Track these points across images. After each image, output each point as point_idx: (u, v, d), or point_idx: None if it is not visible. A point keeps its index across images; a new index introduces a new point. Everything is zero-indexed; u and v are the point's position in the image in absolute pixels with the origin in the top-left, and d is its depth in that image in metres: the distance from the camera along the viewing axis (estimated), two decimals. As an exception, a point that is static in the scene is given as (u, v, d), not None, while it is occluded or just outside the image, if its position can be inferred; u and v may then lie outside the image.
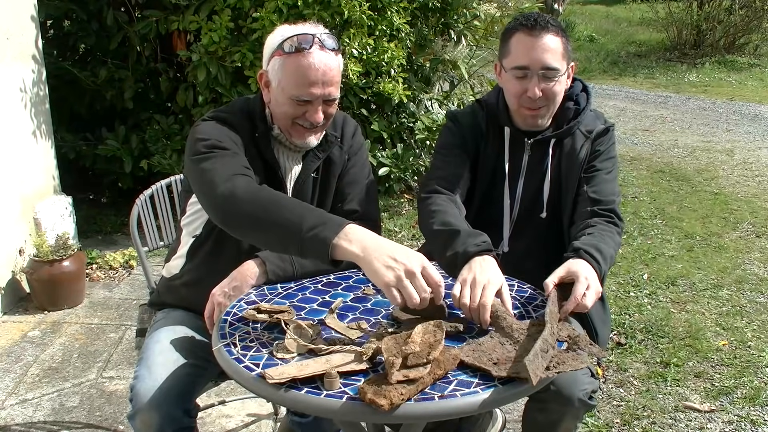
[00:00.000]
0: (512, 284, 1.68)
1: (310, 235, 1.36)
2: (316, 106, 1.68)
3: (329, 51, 1.65)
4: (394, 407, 1.14)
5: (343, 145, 1.86)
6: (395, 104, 4.53)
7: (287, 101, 1.67)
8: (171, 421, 1.55)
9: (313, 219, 1.39)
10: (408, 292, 1.30)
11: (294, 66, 1.64)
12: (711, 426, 2.51)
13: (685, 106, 8.64)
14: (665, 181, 5.66)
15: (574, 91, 1.90)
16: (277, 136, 1.77)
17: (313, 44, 1.63)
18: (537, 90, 1.76)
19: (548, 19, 1.79)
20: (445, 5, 4.86)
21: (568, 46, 1.81)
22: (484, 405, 1.19)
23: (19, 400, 2.66)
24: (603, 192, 1.82)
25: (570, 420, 1.73)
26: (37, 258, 3.37)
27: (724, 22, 11.09)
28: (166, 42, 4.50)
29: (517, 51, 1.78)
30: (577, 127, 1.87)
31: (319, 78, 1.64)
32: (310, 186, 1.83)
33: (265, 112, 1.77)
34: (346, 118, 1.91)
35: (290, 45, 1.64)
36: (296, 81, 1.64)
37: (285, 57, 1.64)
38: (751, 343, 3.08)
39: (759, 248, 4.22)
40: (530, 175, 1.91)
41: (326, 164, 1.84)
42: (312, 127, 1.72)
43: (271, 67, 1.69)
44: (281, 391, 1.20)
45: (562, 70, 1.77)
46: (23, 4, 3.54)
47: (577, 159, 1.86)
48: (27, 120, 3.57)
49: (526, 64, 1.76)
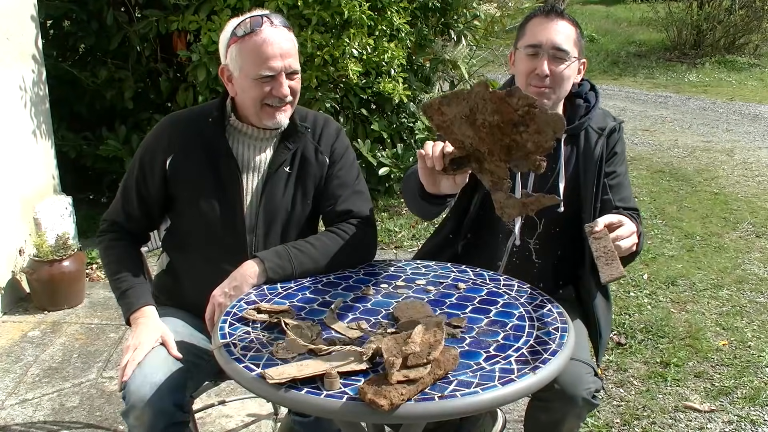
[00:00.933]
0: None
1: (120, 302, 1.77)
2: (280, 80, 1.72)
3: (280, 26, 1.72)
4: (394, 407, 1.14)
5: (320, 146, 1.86)
6: (395, 104, 4.53)
7: (252, 84, 1.72)
8: (163, 415, 1.55)
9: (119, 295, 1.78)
10: (127, 357, 1.61)
11: (250, 47, 1.69)
12: (711, 426, 2.51)
13: (685, 106, 8.64)
14: (665, 181, 5.65)
15: (584, 90, 1.95)
16: (234, 123, 1.81)
17: (263, 23, 1.69)
18: (546, 68, 1.79)
19: (565, 11, 1.88)
20: (445, 5, 4.87)
21: (581, 39, 1.87)
22: (484, 405, 1.19)
23: (19, 400, 2.66)
24: (627, 199, 1.91)
25: (573, 419, 1.73)
26: (37, 258, 3.37)
27: (724, 22, 11.08)
28: (166, 42, 4.50)
29: (532, 31, 1.84)
30: (588, 124, 1.90)
31: (276, 52, 1.69)
32: (283, 180, 1.83)
33: (225, 104, 1.82)
34: (329, 120, 1.93)
35: (242, 29, 1.70)
36: (255, 59, 1.69)
37: (240, 42, 1.70)
38: (751, 343, 3.08)
39: (759, 248, 4.22)
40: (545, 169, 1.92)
41: (302, 162, 1.84)
42: (281, 104, 1.75)
43: (229, 57, 1.74)
44: (281, 392, 1.20)
45: (573, 54, 1.82)
46: (23, 4, 3.54)
47: (593, 156, 1.88)
48: (27, 120, 3.57)
49: (539, 42, 1.81)
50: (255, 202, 1.81)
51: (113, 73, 4.45)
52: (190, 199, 1.80)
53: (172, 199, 1.83)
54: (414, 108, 4.80)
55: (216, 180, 1.78)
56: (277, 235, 1.82)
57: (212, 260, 1.79)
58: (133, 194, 1.84)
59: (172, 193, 1.81)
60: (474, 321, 1.48)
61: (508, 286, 1.67)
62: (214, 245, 1.80)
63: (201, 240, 1.81)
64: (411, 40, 4.56)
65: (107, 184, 4.70)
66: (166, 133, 1.82)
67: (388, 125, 4.65)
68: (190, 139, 1.79)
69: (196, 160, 1.79)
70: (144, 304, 1.73)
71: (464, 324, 1.45)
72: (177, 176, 1.79)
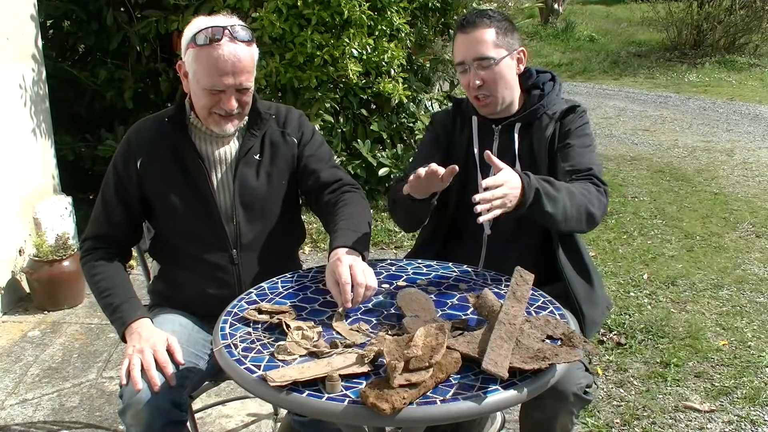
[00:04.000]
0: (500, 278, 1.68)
1: (112, 318, 1.73)
2: (229, 95, 1.73)
3: (240, 42, 1.71)
4: (395, 411, 1.14)
5: (286, 129, 1.90)
6: (395, 104, 4.53)
7: (201, 92, 1.74)
8: (160, 414, 1.56)
9: (111, 311, 1.74)
10: (133, 362, 1.57)
11: (205, 58, 1.70)
12: (711, 426, 2.51)
13: (685, 106, 8.64)
14: (665, 181, 5.65)
15: (541, 80, 1.98)
16: (194, 122, 1.83)
17: (224, 36, 1.69)
18: (476, 80, 1.86)
19: (483, 13, 1.90)
20: (445, 5, 4.86)
21: (505, 35, 1.88)
22: (486, 409, 1.19)
23: (19, 400, 2.66)
24: (580, 164, 1.86)
25: (565, 415, 1.73)
26: (37, 258, 3.37)
27: (724, 22, 11.07)
28: (166, 42, 4.49)
29: (456, 51, 1.92)
30: (543, 111, 1.94)
31: (229, 69, 1.69)
32: (254, 167, 1.85)
33: (184, 101, 1.84)
34: (291, 109, 1.96)
35: (202, 37, 1.70)
36: (208, 72, 1.70)
37: (197, 49, 1.70)
38: (751, 343, 3.08)
39: (759, 248, 4.22)
40: (502, 160, 1.92)
41: (270, 147, 1.87)
42: (227, 115, 1.76)
43: (186, 58, 1.75)
44: (282, 394, 1.20)
45: (497, 57, 1.85)
46: (23, 4, 3.53)
47: (543, 139, 1.92)
48: (27, 120, 3.56)
49: (462, 60, 1.89)
50: (228, 193, 1.83)
51: (113, 73, 4.45)
52: (163, 199, 1.82)
53: (149, 202, 1.85)
54: (414, 108, 4.80)
55: (184, 177, 1.81)
56: (257, 220, 1.85)
57: (198, 256, 1.83)
58: (114, 200, 1.85)
59: (147, 195, 1.84)
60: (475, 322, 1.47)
61: (509, 286, 1.67)
62: (197, 241, 1.83)
63: (183, 239, 1.84)
64: (411, 40, 4.56)
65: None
66: (133, 138, 1.86)
67: (388, 125, 4.65)
68: (155, 142, 1.83)
69: (163, 160, 1.82)
70: (141, 317, 1.71)
71: (466, 325, 1.45)
72: (147, 178, 1.82)
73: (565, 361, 1.27)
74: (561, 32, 12.70)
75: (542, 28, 12.96)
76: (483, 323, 1.43)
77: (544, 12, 13.06)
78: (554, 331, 1.38)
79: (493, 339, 1.28)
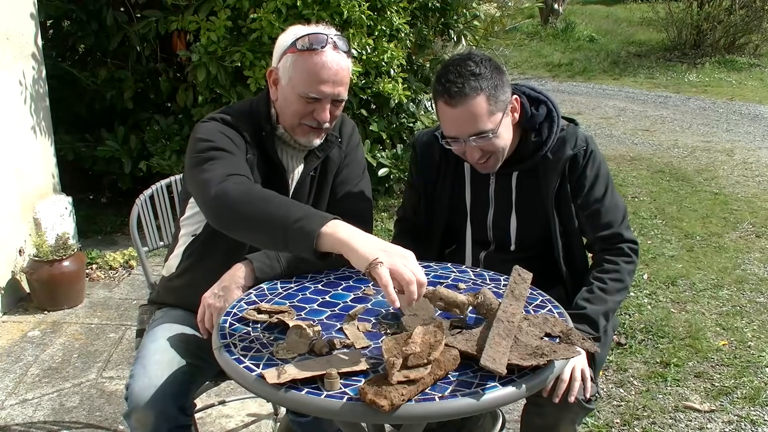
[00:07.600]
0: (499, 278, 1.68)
1: (295, 227, 1.34)
2: (325, 104, 1.69)
3: (342, 52, 1.67)
4: (394, 408, 1.14)
5: (342, 144, 1.87)
6: (395, 104, 4.52)
7: (296, 99, 1.68)
8: (166, 419, 1.55)
9: (299, 212, 1.37)
10: (399, 270, 1.25)
11: (307, 63, 1.65)
12: (711, 426, 2.51)
13: (685, 106, 8.64)
14: (665, 181, 5.65)
15: (537, 120, 1.81)
16: (281, 135, 1.78)
17: (327, 44, 1.65)
18: (475, 153, 1.74)
19: (467, 72, 1.67)
20: (445, 5, 4.86)
21: (496, 94, 1.68)
22: (484, 406, 1.19)
23: (19, 400, 2.66)
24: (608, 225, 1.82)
25: (567, 424, 1.72)
26: (37, 258, 3.37)
27: (724, 22, 11.07)
28: (166, 42, 4.49)
29: (444, 122, 1.74)
30: (546, 154, 1.81)
31: (331, 77, 1.65)
32: (308, 185, 1.83)
33: (270, 112, 1.78)
34: (345, 118, 1.92)
35: (303, 43, 1.65)
36: (308, 78, 1.65)
37: (298, 54, 1.66)
38: (751, 343, 3.08)
39: (759, 248, 4.22)
40: (499, 207, 1.91)
41: (324, 163, 1.85)
42: (318, 127, 1.72)
43: (282, 64, 1.70)
44: (281, 392, 1.20)
45: (495, 126, 1.70)
46: (23, 4, 3.54)
47: (546, 191, 1.82)
48: (27, 119, 3.57)
49: (455, 136, 1.73)
50: None
51: (113, 73, 4.45)
52: None
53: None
54: (414, 108, 4.80)
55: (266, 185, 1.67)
56: None
57: (230, 263, 1.70)
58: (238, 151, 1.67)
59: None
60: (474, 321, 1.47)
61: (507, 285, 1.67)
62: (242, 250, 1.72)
63: (231, 246, 1.72)
64: (411, 40, 4.55)
65: (107, 184, 4.70)
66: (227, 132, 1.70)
67: (388, 125, 4.65)
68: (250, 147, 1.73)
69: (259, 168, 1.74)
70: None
71: (464, 323, 1.45)
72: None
73: (563, 358, 1.28)
74: (561, 32, 12.70)
75: (542, 28, 12.97)
76: (481, 322, 1.43)
77: (544, 12, 13.06)
78: (553, 329, 1.39)
79: (492, 336, 1.28)
